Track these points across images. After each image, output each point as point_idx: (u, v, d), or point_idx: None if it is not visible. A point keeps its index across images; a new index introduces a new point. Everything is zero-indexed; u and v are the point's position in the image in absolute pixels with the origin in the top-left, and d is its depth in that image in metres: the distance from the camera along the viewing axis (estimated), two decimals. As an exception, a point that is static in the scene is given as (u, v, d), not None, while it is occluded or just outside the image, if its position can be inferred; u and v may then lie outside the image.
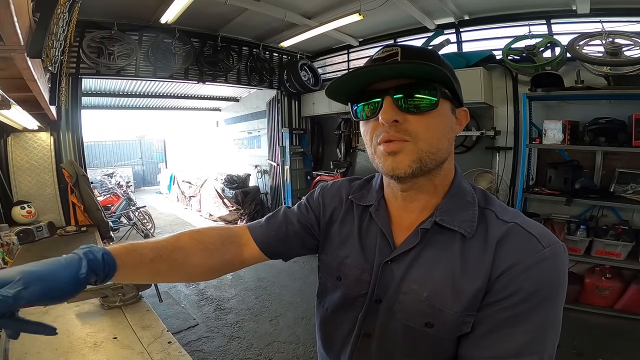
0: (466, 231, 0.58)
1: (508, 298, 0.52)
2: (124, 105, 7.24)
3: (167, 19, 3.37)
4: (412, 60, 0.55)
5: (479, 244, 0.57)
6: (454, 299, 0.56)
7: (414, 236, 0.61)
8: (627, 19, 2.89)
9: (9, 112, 1.63)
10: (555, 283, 0.53)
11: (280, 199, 5.11)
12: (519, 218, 0.58)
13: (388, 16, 3.66)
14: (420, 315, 0.58)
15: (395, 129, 0.55)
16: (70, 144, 3.27)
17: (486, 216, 0.60)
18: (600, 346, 2.37)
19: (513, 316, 0.52)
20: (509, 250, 0.54)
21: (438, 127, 0.57)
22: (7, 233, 2.29)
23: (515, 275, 0.52)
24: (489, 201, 0.62)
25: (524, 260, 0.52)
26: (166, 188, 9.63)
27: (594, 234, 2.84)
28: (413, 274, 0.60)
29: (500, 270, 0.54)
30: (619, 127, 2.64)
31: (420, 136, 0.55)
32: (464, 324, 0.55)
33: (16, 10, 0.80)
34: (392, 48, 0.58)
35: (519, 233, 0.55)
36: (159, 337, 1.08)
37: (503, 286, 0.53)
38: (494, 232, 0.57)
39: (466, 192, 0.63)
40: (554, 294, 0.53)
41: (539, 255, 0.52)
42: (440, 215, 0.60)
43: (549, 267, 0.52)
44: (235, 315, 3.03)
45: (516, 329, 0.52)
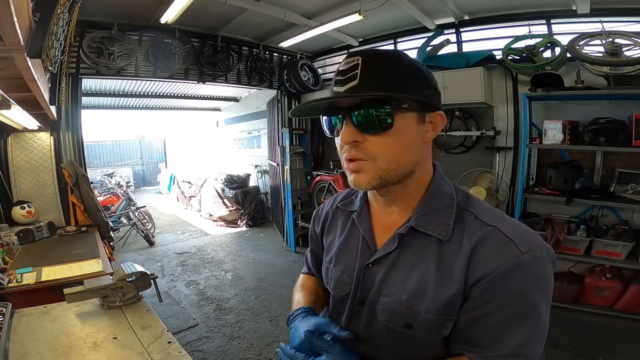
0: (441, 235, 0.59)
1: (486, 305, 0.53)
2: (124, 105, 7.24)
3: (167, 19, 3.37)
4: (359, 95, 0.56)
5: (454, 247, 0.57)
6: (430, 302, 0.56)
7: (392, 241, 0.63)
8: (627, 19, 2.89)
9: (9, 112, 1.63)
10: (536, 288, 0.52)
11: (280, 199, 5.11)
12: (500, 221, 0.57)
13: (388, 16, 3.66)
14: (400, 317, 0.60)
15: (355, 150, 0.58)
16: (70, 144, 3.27)
17: (464, 218, 0.59)
18: (600, 346, 2.37)
19: (495, 323, 0.52)
20: (485, 257, 0.54)
21: (396, 145, 0.57)
22: (7, 233, 2.29)
23: (493, 282, 0.52)
24: (469, 202, 0.62)
25: (500, 267, 0.52)
26: (166, 188, 9.63)
27: (594, 234, 2.83)
28: (393, 277, 0.62)
29: (476, 277, 0.53)
30: (619, 127, 2.63)
31: (378, 155, 0.57)
32: (442, 327, 0.56)
33: (16, 10, 0.80)
34: (354, 58, 0.58)
35: (496, 238, 0.55)
36: (159, 337, 1.08)
37: (480, 293, 0.53)
38: (471, 235, 0.56)
39: (445, 194, 0.63)
40: (535, 299, 0.52)
41: (516, 261, 0.51)
42: (416, 220, 0.61)
43: (528, 272, 0.52)
44: (235, 315, 3.03)
45: (499, 335, 0.52)
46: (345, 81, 0.57)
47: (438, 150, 3.77)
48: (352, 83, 0.56)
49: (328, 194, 4.75)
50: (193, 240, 5.54)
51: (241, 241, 5.41)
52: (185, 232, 6.05)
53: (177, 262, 4.49)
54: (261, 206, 6.40)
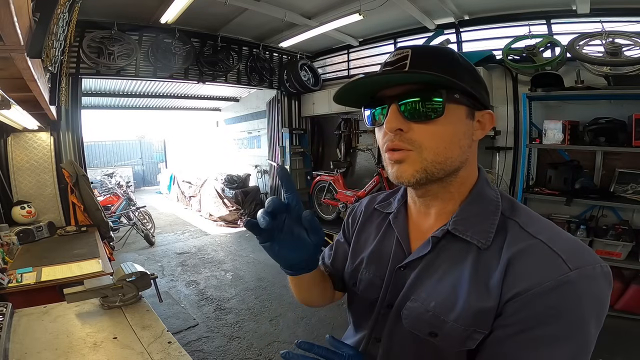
0: (480, 242, 0.54)
1: (522, 322, 0.47)
2: (124, 105, 7.25)
3: (167, 19, 3.37)
4: (415, 70, 0.53)
5: (492, 257, 0.53)
6: (459, 312, 0.52)
7: (426, 244, 0.59)
8: (627, 19, 2.89)
9: (9, 112, 1.63)
10: (583, 307, 0.46)
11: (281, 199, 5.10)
12: (547, 233, 0.51)
13: (388, 16, 3.66)
14: (425, 324, 0.56)
15: (399, 138, 0.55)
16: (70, 144, 3.27)
17: (508, 226, 0.55)
18: (600, 346, 2.32)
19: (527, 343, 0.47)
20: (525, 271, 0.49)
21: (445, 136, 0.54)
22: (7, 233, 2.29)
23: (531, 299, 0.47)
24: (515, 210, 0.57)
25: (542, 283, 0.46)
26: (166, 188, 9.63)
27: (594, 234, 2.83)
28: (423, 282, 0.59)
29: (513, 292, 0.48)
30: (619, 127, 2.63)
31: (425, 145, 0.54)
32: (469, 339, 0.52)
33: (16, 10, 0.80)
34: (403, 51, 0.56)
35: (540, 251, 0.49)
36: (159, 337, 1.08)
37: (516, 310, 0.48)
38: (511, 245, 0.52)
39: (489, 199, 0.59)
40: (579, 319, 0.46)
41: (562, 278, 0.46)
42: (454, 224, 0.57)
43: (574, 291, 0.46)
44: (235, 315, 3.03)
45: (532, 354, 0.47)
46: (394, 70, 0.55)
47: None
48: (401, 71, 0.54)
49: (328, 194, 4.75)
50: (193, 240, 5.54)
51: (241, 241, 5.41)
52: (185, 232, 6.05)
53: (177, 262, 4.49)
54: (261, 206, 6.37)
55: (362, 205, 0.81)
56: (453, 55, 0.57)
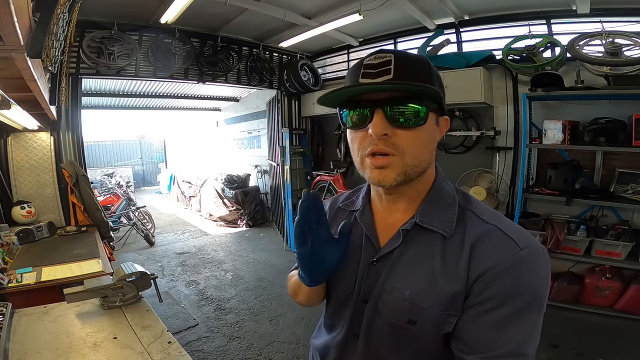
0: (445, 231, 0.60)
1: (488, 301, 0.54)
2: (124, 105, 7.24)
3: (167, 19, 3.37)
4: (406, 82, 0.55)
5: (457, 244, 0.59)
6: (434, 297, 0.57)
7: (396, 237, 0.63)
8: (627, 19, 2.89)
9: (9, 112, 1.64)
10: (535, 285, 0.54)
11: (280, 199, 5.11)
12: (497, 220, 0.59)
13: (388, 16, 3.66)
14: (403, 313, 0.60)
15: (384, 143, 0.57)
16: (70, 144, 3.27)
17: (466, 216, 0.61)
18: (600, 346, 2.37)
19: (496, 320, 0.53)
20: (485, 253, 0.55)
21: (423, 141, 0.59)
22: (7, 233, 2.29)
23: (493, 277, 0.53)
24: (469, 201, 0.64)
25: (500, 263, 0.53)
26: (166, 188, 9.63)
27: (594, 234, 2.83)
28: (396, 273, 0.62)
29: (477, 272, 0.55)
30: (619, 127, 2.63)
31: (407, 150, 0.57)
32: (446, 323, 0.57)
33: (16, 10, 0.80)
34: (385, 55, 0.57)
35: (496, 235, 0.57)
36: (159, 337, 1.08)
37: (482, 289, 0.54)
38: (472, 232, 0.58)
39: (447, 193, 0.65)
40: (534, 296, 0.53)
41: (516, 257, 0.53)
42: (420, 217, 0.62)
43: (527, 268, 0.53)
44: (235, 315, 3.03)
45: (500, 331, 0.53)
46: (377, 74, 0.56)
47: (438, 150, 3.75)
48: (386, 77, 0.55)
49: (328, 194, 4.75)
50: (193, 240, 5.54)
51: (241, 241, 5.41)
52: (185, 232, 6.05)
53: (177, 262, 4.49)
54: (261, 206, 6.40)
55: (328, 205, 0.82)
56: (429, 64, 0.60)
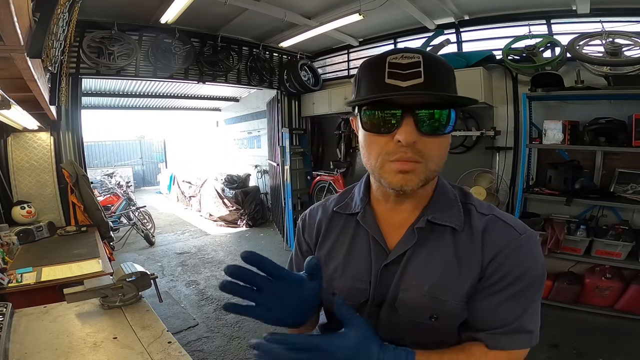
0: (457, 225, 0.62)
1: (498, 282, 0.58)
2: (124, 105, 7.24)
3: (167, 19, 3.37)
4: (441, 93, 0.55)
5: (467, 236, 0.62)
6: (454, 289, 0.59)
7: (410, 236, 0.63)
8: (627, 19, 2.89)
9: (9, 112, 1.64)
10: (534, 267, 0.59)
11: (280, 199, 5.11)
12: (494, 210, 0.64)
13: (388, 16, 3.65)
14: (423, 310, 0.60)
15: (412, 151, 0.55)
16: (70, 144, 3.27)
17: (469, 210, 0.65)
18: (600, 346, 2.37)
19: (503, 299, 0.58)
20: (492, 239, 0.60)
21: (446, 147, 0.60)
22: (7, 233, 2.29)
23: (501, 261, 0.58)
24: (467, 197, 0.67)
25: (506, 247, 0.59)
26: (166, 188, 9.63)
27: (594, 234, 2.83)
28: (410, 271, 0.62)
29: (488, 257, 0.59)
30: (619, 127, 2.63)
31: (431, 157, 0.57)
32: (464, 311, 0.60)
33: (16, 10, 0.80)
34: (412, 55, 0.55)
35: (497, 223, 0.62)
36: (159, 337, 1.08)
37: (492, 271, 0.59)
38: (477, 224, 0.62)
39: (448, 190, 0.67)
40: (535, 276, 0.59)
41: (517, 241, 0.59)
42: (431, 214, 0.63)
43: (528, 251, 0.59)
44: (235, 315, 3.02)
45: (507, 309, 0.58)
46: (407, 76, 0.54)
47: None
48: (416, 80, 0.53)
49: (328, 194, 4.75)
50: (193, 240, 5.54)
51: (241, 241, 5.41)
52: (185, 232, 6.05)
53: (177, 262, 4.49)
54: (261, 206, 6.40)
55: (316, 213, 0.77)
56: (451, 68, 0.60)
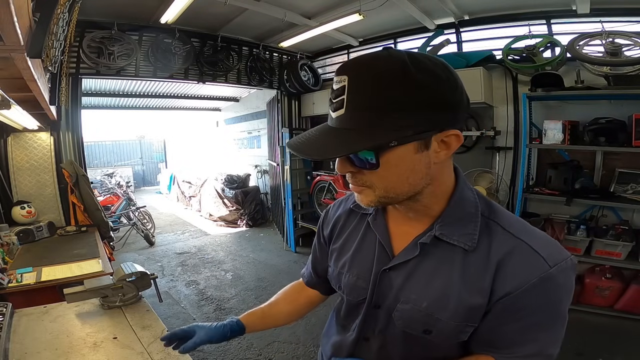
0: (467, 245, 0.57)
1: (514, 314, 0.55)
2: (124, 105, 7.24)
3: (167, 19, 3.37)
4: (337, 149, 0.52)
5: (480, 258, 0.57)
6: (452, 309, 0.57)
7: (413, 248, 0.61)
8: (627, 19, 2.89)
9: (9, 112, 1.64)
10: (561, 297, 0.55)
11: (281, 199, 5.11)
12: (525, 234, 0.57)
13: (388, 16, 3.65)
14: (418, 323, 0.60)
15: (353, 179, 0.58)
16: (70, 144, 3.27)
17: (490, 228, 0.58)
18: (600, 346, 2.37)
19: (520, 329, 0.55)
20: (514, 271, 0.54)
21: (390, 177, 0.54)
22: (7, 233, 2.29)
23: (521, 296, 0.53)
24: (493, 211, 0.60)
25: (530, 281, 0.53)
26: (166, 188, 9.63)
27: (594, 234, 2.83)
28: (412, 285, 0.61)
29: (504, 291, 0.54)
30: (619, 127, 2.63)
31: (375, 185, 0.56)
32: (462, 332, 0.58)
33: (16, 10, 0.80)
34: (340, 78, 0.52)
35: (525, 252, 0.55)
36: (159, 337, 1.08)
37: (508, 305, 0.54)
38: (498, 247, 0.56)
39: (469, 202, 0.60)
40: (559, 307, 0.55)
41: (545, 275, 0.52)
42: (440, 230, 0.59)
43: (556, 285, 0.54)
44: (235, 315, 3.03)
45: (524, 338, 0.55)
46: (335, 106, 0.54)
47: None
48: (340, 111, 0.52)
49: (328, 194, 4.75)
50: (193, 240, 5.54)
51: (241, 241, 5.41)
52: (185, 232, 6.05)
53: (177, 262, 4.49)
54: (261, 206, 6.40)
55: (337, 207, 0.81)
56: (399, 76, 0.48)
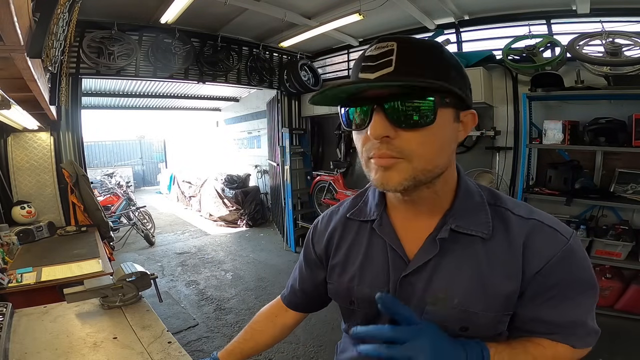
0: (484, 233, 0.57)
1: (551, 289, 0.55)
2: (124, 105, 7.24)
3: (167, 19, 3.37)
4: (402, 80, 0.48)
5: (502, 244, 0.56)
6: (488, 301, 0.55)
7: (432, 246, 0.58)
8: (627, 19, 2.89)
9: (9, 112, 1.64)
10: (586, 266, 0.57)
11: (280, 199, 5.11)
12: (534, 213, 0.58)
13: (388, 16, 3.65)
14: (453, 321, 0.57)
15: (387, 147, 0.50)
16: (70, 144, 3.27)
17: (501, 214, 0.59)
18: (600, 346, 2.34)
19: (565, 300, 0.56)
20: (539, 248, 0.55)
21: (436, 143, 0.51)
22: (7, 233, 2.29)
23: (551, 270, 0.54)
24: (498, 198, 0.61)
25: (555, 255, 0.54)
26: (166, 188, 9.63)
27: (594, 234, 2.83)
28: (437, 284, 0.58)
29: (536, 268, 0.55)
30: (619, 127, 2.63)
31: (416, 154, 0.50)
32: (500, 322, 0.57)
33: (16, 10, 0.80)
34: (386, 44, 0.50)
35: (543, 230, 0.56)
36: (159, 337, 1.08)
37: (543, 281, 0.55)
38: (516, 230, 0.57)
39: (474, 192, 0.61)
40: (588, 276, 0.57)
41: (566, 247, 0.55)
42: (454, 222, 0.57)
43: (577, 255, 0.56)
44: (235, 315, 3.03)
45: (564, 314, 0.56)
46: (376, 67, 0.49)
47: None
48: (386, 70, 0.49)
49: (328, 194, 4.75)
50: (193, 240, 5.54)
51: (241, 241, 5.41)
52: (185, 232, 6.05)
53: (177, 262, 4.49)
54: (261, 206, 6.40)
55: (328, 220, 0.75)
56: (441, 51, 0.52)
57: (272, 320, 0.85)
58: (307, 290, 0.80)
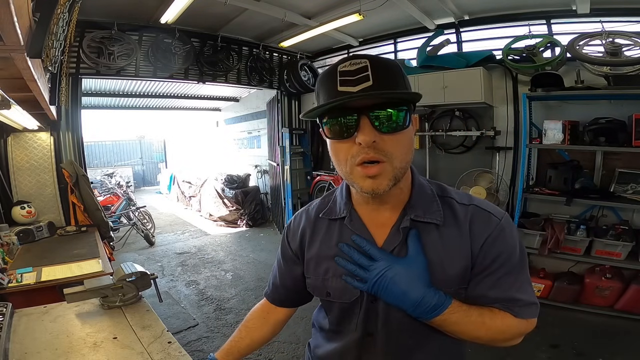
0: (437, 220, 0.66)
1: (492, 264, 0.64)
2: (124, 105, 7.24)
3: (167, 19, 3.37)
4: (387, 92, 0.57)
5: (453, 228, 0.66)
6: (445, 279, 0.64)
7: (396, 235, 0.67)
8: (627, 19, 2.90)
9: (9, 112, 1.64)
10: (517, 243, 0.67)
11: (280, 199, 5.11)
12: (473, 200, 0.69)
13: (388, 16, 3.66)
14: None
15: (374, 150, 0.58)
16: (70, 144, 3.27)
17: (449, 203, 0.69)
18: (600, 346, 2.37)
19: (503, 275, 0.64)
20: (479, 229, 0.65)
21: (408, 143, 0.62)
22: (7, 233, 2.29)
23: (490, 246, 0.64)
24: (445, 191, 0.71)
25: (491, 233, 0.64)
26: (166, 188, 9.63)
27: (594, 234, 2.83)
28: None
29: (478, 245, 0.64)
30: (619, 127, 2.63)
31: (395, 155, 0.59)
32: (457, 295, 0.65)
33: (16, 10, 0.80)
34: (359, 61, 0.58)
35: (480, 213, 0.67)
36: (159, 337, 1.08)
37: (484, 257, 0.64)
38: (462, 215, 0.67)
39: (425, 186, 0.71)
40: (520, 251, 0.66)
41: (499, 226, 0.65)
42: (412, 212, 0.67)
43: (509, 233, 0.66)
44: (235, 315, 3.03)
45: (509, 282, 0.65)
46: (356, 81, 0.57)
47: (438, 150, 3.75)
48: (365, 84, 0.56)
49: (328, 194, 4.75)
50: (193, 240, 5.55)
51: (241, 241, 5.41)
52: (185, 232, 6.05)
53: (177, 262, 4.49)
54: (261, 206, 6.40)
55: (300, 219, 0.82)
56: (400, 68, 0.62)
57: (265, 317, 0.89)
58: (288, 285, 0.85)
